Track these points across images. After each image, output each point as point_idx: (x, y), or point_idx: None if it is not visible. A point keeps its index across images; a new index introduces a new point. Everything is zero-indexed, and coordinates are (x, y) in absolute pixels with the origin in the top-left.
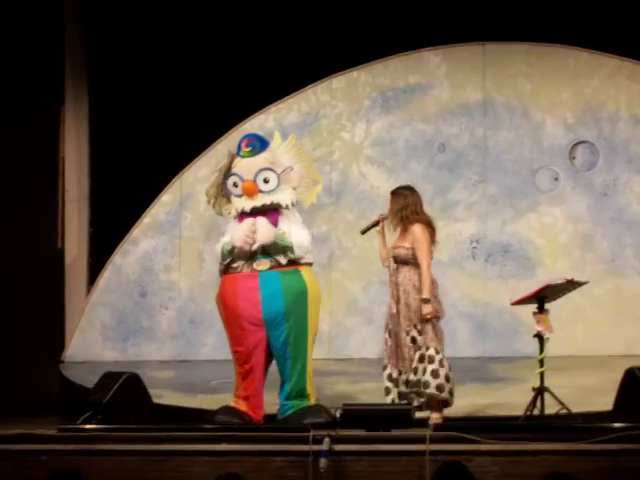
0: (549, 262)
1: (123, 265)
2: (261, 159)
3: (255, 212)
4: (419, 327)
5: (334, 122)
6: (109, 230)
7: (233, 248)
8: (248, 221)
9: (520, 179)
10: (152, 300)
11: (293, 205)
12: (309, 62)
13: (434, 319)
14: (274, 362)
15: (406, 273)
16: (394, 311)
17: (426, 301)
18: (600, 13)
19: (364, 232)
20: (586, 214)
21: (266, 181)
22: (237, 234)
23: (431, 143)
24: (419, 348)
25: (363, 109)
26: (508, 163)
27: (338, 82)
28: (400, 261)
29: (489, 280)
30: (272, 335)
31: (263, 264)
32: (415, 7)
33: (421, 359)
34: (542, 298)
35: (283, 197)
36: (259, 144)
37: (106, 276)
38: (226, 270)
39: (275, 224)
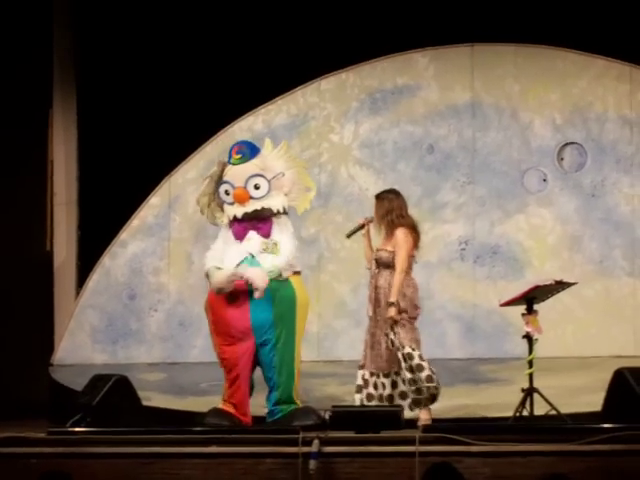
0: (538, 263)
1: (112, 268)
2: (251, 165)
3: (247, 218)
4: (395, 330)
5: (322, 124)
6: (98, 233)
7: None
8: (236, 275)
9: (508, 180)
10: (141, 302)
11: (285, 211)
12: (298, 64)
13: (405, 321)
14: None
15: (387, 277)
16: (371, 314)
17: (391, 304)
18: (588, 14)
19: (349, 235)
20: (574, 215)
21: (257, 187)
22: (223, 280)
23: (419, 144)
24: (397, 350)
25: (351, 111)
26: (496, 164)
27: (327, 84)
28: (382, 264)
29: (478, 281)
30: (259, 343)
31: None
32: (403, 9)
33: (403, 360)
34: (531, 299)
35: (274, 202)
36: (249, 151)
37: (95, 279)
38: None
39: (268, 234)
